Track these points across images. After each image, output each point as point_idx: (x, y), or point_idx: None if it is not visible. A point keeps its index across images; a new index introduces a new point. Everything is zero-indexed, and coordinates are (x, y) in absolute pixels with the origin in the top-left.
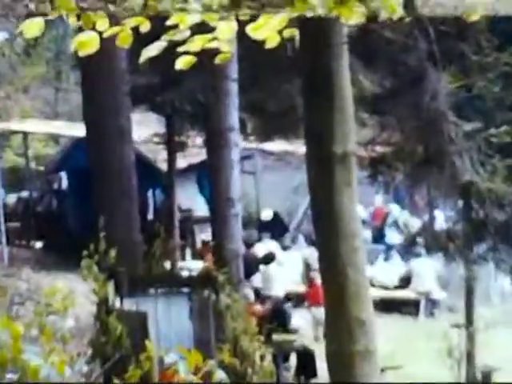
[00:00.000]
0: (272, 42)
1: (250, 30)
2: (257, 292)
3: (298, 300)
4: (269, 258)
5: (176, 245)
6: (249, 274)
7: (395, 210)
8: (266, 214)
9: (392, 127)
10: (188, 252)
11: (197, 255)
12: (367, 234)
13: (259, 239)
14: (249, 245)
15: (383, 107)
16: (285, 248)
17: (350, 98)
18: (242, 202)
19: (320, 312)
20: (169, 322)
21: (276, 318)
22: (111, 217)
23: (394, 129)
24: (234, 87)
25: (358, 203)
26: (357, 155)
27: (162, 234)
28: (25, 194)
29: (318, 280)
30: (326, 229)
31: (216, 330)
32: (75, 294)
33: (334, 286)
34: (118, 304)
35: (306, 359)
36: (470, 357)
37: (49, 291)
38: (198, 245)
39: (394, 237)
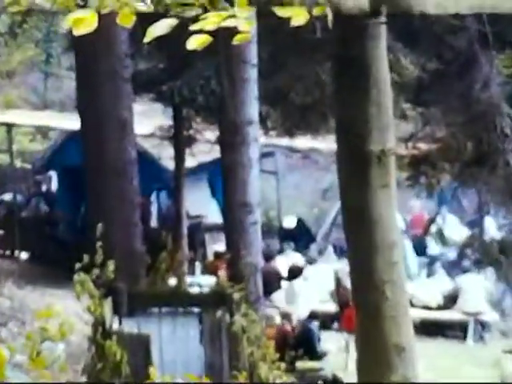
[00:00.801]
0: (299, 20)
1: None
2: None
3: (326, 321)
4: (294, 273)
5: (184, 257)
6: (269, 291)
7: (439, 217)
8: (290, 222)
9: (437, 120)
10: (198, 266)
11: (208, 269)
12: (406, 244)
13: (281, 251)
14: (269, 257)
15: (427, 97)
16: (311, 261)
17: (389, 87)
18: (262, 208)
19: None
20: (175, 346)
21: (301, 342)
22: (109, 224)
23: (440, 122)
24: (253, 73)
25: (397, 209)
26: (396, 153)
27: (167, 244)
28: (8, 196)
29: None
30: (360, 239)
31: (230, 356)
32: (70, 316)
33: (367, 305)
34: (116, 325)
35: None
36: None
37: (42, 314)
38: (210, 257)
39: (437, 248)
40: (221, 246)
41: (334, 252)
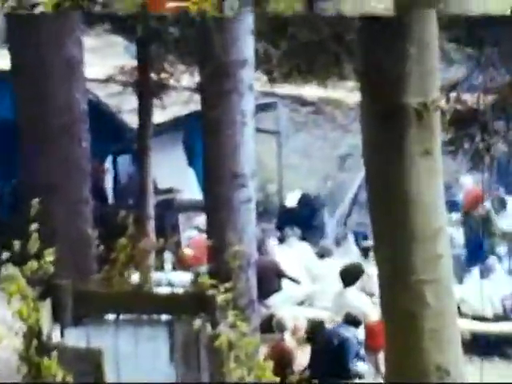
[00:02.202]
0: None
1: None
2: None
3: None
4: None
5: (150, 246)
6: (265, 292)
7: (492, 200)
8: (294, 200)
9: (493, 64)
10: (169, 258)
11: (183, 263)
12: (454, 233)
13: (282, 239)
14: (266, 247)
15: (480, 32)
16: (324, 254)
17: (433, 23)
18: (257, 180)
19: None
20: (137, 365)
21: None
22: (49, 199)
23: (497, 67)
24: None
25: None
26: (441, 108)
27: (128, 227)
28: None
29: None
30: (391, 224)
31: (211, 381)
32: None
33: (400, 315)
34: (57, 337)
35: None
36: None
37: None
38: (185, 246)
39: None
40: (200, 231)
41: (356, 242)
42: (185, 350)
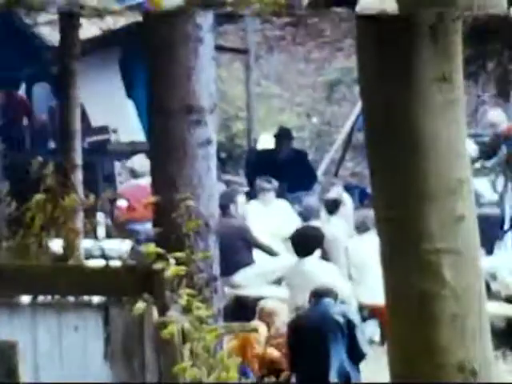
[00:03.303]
0: None
1: None
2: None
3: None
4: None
5: (78, 203)
6: (231, 266)
7: None
8: (268, 141)
9: None
10: (102, 219)
11: (120, 228)
12: (481, 186)
13: (253, 194)
14: (230, 206)
15: None
16: (308, 215)
17: None
18: (219, 116)
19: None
20: (60, 362)
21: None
22: None
23: None
24: None
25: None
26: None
27: (46, 180)
28: None
29: None
30: (396, 173)
31: (159, 380)
32: None
33: (410, 298)
34: None
35: None
36: None
37: None
38: (123, 205)
39: None
40: (143, 184)
41: (351, 198)
42: (124, 342)
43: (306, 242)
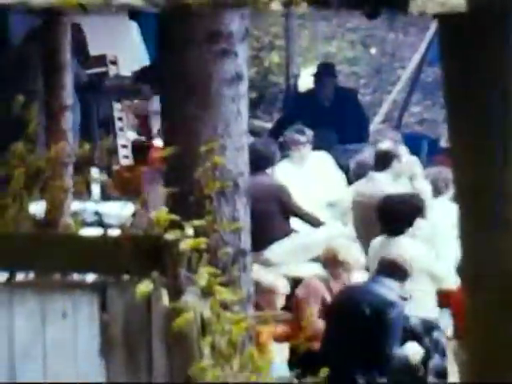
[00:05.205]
0: None
1: None
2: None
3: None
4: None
5: (67, 154)
6: (265, 238)
7: None
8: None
9: None
10: (98, 176)
11: (120, 186)
12: None
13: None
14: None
15: None
16: (360, 173)
17: None
18: (250, 45)
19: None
20: (44, 357)
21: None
22: None
23: None
24: None
25: None
26: None
27: (31, 123)
28: None
29: None
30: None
31: (170, 373)
32: None
33: (496, 278)
34: None
35: None
36: None
37: None
38: (124, 158)
39: None
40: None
41: (420, 151)
42: (124, 334)
43: (397, 217)
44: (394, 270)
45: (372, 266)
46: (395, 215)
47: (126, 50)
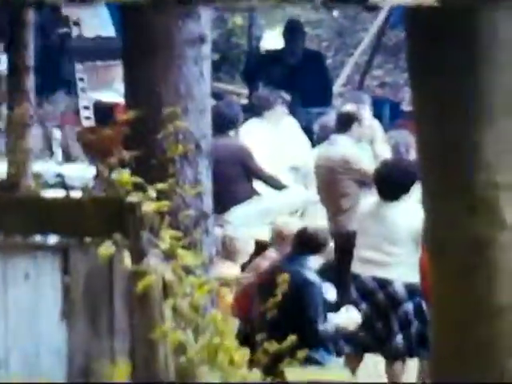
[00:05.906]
0: None
1: None
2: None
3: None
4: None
5: (28, 116)
6: (227, 200)
7: None
8: (276, 38)
9: None
10: (59, 136)
11: (87, 145)
12: None
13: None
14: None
15: None
16: (324, 136)
17: None
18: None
19: None
20: (4, 320)
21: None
22: None
23: None
24: None
25: None
26: None
27: None
28: None
29: None
30: None
31: (132, 346)
32: None
33: (460, 247)
34: None
35: None
36: None
37: None
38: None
39: None
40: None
41: (381, 115)
42: (86, 296)
43: (394, 181)
44: (310, 243)
45: (361, 227)
46: (392, 180)
47: (89, 11)
